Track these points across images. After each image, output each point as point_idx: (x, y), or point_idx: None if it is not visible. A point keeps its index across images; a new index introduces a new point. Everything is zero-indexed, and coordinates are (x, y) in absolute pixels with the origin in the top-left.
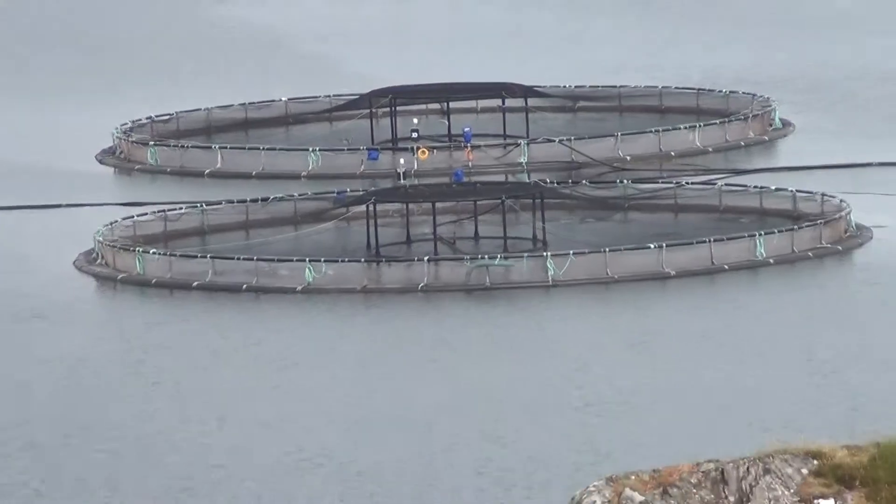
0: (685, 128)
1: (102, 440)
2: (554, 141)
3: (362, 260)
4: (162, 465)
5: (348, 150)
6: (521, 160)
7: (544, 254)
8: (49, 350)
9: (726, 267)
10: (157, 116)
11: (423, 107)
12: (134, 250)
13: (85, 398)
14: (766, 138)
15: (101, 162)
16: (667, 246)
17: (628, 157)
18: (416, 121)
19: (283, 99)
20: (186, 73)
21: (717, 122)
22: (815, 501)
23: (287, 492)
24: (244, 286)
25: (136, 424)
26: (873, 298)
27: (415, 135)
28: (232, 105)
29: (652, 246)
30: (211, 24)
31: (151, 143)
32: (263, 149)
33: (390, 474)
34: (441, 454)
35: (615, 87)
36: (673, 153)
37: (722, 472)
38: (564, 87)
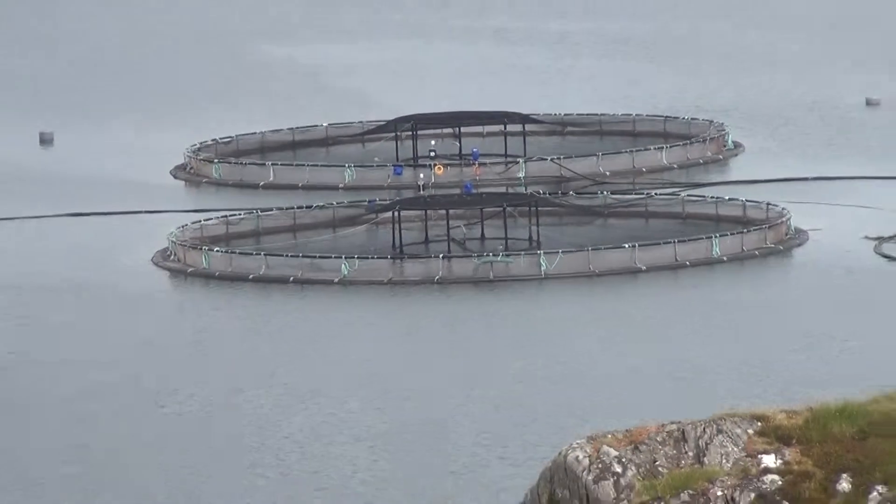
0: (654, 148)
1: (175, 401)
2: (546, 159)
3: (388, 257)
4: (215, 422)
5: (377, 166)
6: (520, 175)
7: (538, 252)
8: (130, 328)
9: (688, 263)
10: (220, 139)
11: (438, 131)
12: (201, 249)
13: (160, 368)
14: (721, 157)
15: (174, 176)
16: (639, 246)
17: (607, 173)
18: (433, 143)
19: (324, 124)
20: (243, 103)
21: (681, 143)
22: (759, 456)
23: (323, 446)
24: (291, 278)
25: (198, 389)
26: (808, 288)
27: (432, 154)
28: (281, 129)
29: (626, 246)
30: (262, 62)
31: (216, 160)
32: (308, 165)
33: (406, 433)
34: (449, 416)
35: (597, 114)
36: (644, 169)
37: (682, 433)
38: (555, 114)
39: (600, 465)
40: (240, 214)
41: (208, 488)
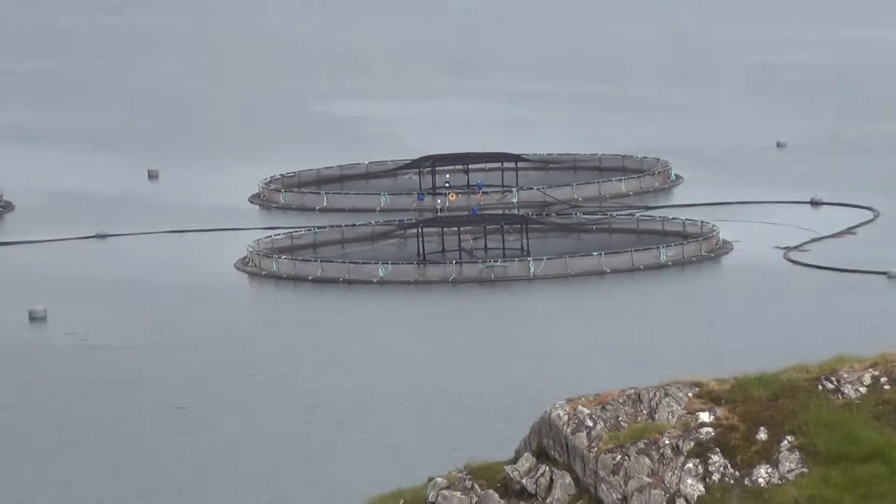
0: (615, 180)
1: (257, 369)
2: (533, 188)
3: (414, 263)
4: (284, 382)
5: (406, 194)
6: (514, 200)
7: (528, 258)
8: (216, 319)
9: (641, 267)
10: (285, 174)
11: (451, 167)
12: (271, 257)
13: (238, 348)
14: (666, 186)
15: (250, 202)
16: (604, 254)
17: (580, 199)
18: (447, 176)
19: (365, 162)
20: (303, 146)
21: (636, 176)
22: (697, 414)
23: (361, 409)
24: (340, 279)
25: (272, 363)
26: (733, 286)
27: (447, 185)
28: (332, 166)
29: (595, 254)
30: (318, 115)
31: (282, 190)
32: (352, 193)
33: (422, 394)
34: (456, 382)
35: (571, 154)
36: (608, 196)
37: (638, 395)
38: (539, 154)
39: (576, 421)
40: (301, 231)
41: (268, 428)
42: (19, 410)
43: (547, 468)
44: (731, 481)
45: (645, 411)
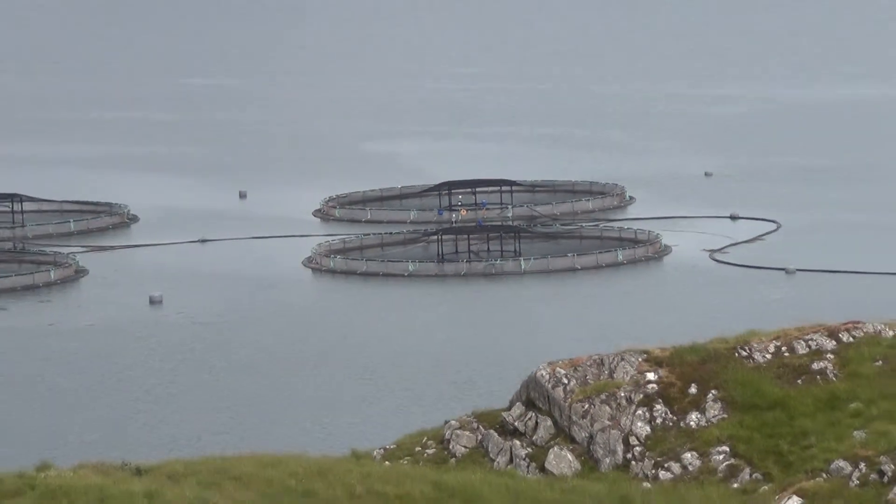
0: (584, 199)
1: (309, 339)
2: (524, 206)
3: (434, 261)
4: (334, 351)
5: (429, 210)
6: (509, 215)
7: (519, 258)
8: (287, 301)
9: (604, 265)
10: (339, 194)
11: (463, 190)
12: (329, 256)
13: (303, 323)
14: (622, 205)
15: (313, 215)
16: (576, 255)
17: (558, 214)
18: (460, 197)
19: (398, 186)
20: (350, 173)
21: (600, 196)
22: (645, 374)
23: (393, 368)
24: (380, 273)
25: (328, 333)
26: (671, 279)
27: (459, 203)
28: (374, 189)
29: (569, 255)
30: (361, 151)
31: (337, 206)
32: (390, 209)
33: (434, 358)
34: (461, 348)
35: (552, 180)
36: (579, 212)
37: (601, 360)
38: (528, 181)
39: (555, 379)
40: (350, 237)
41: (325, 379)
42: (142, 368)
43: (533, 414)
44: (670, 424)
45: (606, 372)
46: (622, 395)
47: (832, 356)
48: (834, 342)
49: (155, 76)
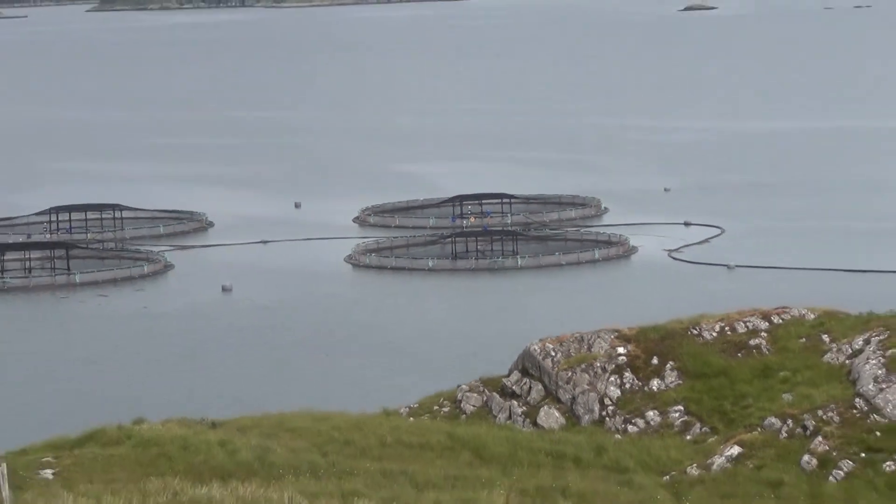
0: (568, 209)
1: (352, 326)
2: (520, 215)
3: (450, 258)
4: (368, 328)
5: (445, 217)
6: (508, 221)
7: (517, 256)
8: (331, 291)
9: (584, 261)
10: (373, 205)
11: (471, 202)
12: (365, 254)
13: (346, 309)
14: (598, 214)
15: (353, 221)
16: (561, 253)
17: (548, 221)
18: (469, 207)
19: (420, 198)
20: (382, 188)
21: (580, 207)
22: (616, 348)
23: (415, 343)
24: (406, 268)
25: (364, 315)
26: (637, 273)
27: (469, 212)
28: (401, 201)
29: (556, 254)
30: (392, 171)
31: (372, 214)
32: (413, 217)
33: (450, 339)
34: (469, 327)
35: (543, 194)
36: (564, 219)
37: (582, 337)
38: (524, 195)
39: (545, 352)
40: (383, 239)
41: (360, 350)
42: (215, 343)
43: (527, 380)
44: (636, 388)
45: (585, 347)
46: (598, 365)
47: (765, 334)
48: (767, 323)
49: (228, 109)
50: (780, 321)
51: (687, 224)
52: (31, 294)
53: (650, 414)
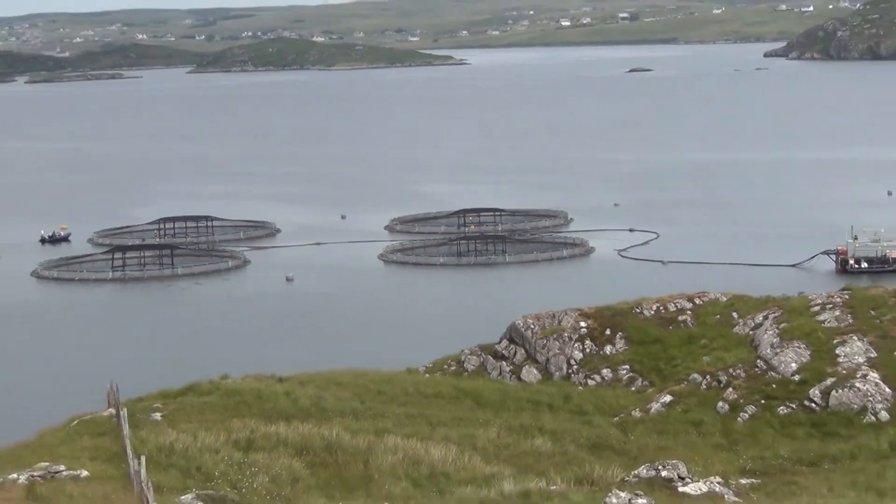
0: (543, 219)
1: (383, 306)
2: (507, 224)
3: (455, 256)
4: (393, 307)
5: (454, 226)
6: (499, 228)
7: (505, 255)
8: (366, 283)
9: (555, 258)
10: (399, 216)
11: (473, 214)
12: (393, 253)
13: (378, 294)
14: (565, 222)
15: (384, 229)
16: (538, 252)
17: (528, 228)
18: (470, 218)
19: (433, 212)
20: (405, 203)
21: (553, 217)
22: (579, 321)
23: (428, 320)
24: (423, 263)
25: (391, 297)
26: (594, 268)
27: (471, 221)
28: (419, 213)
29: (534, 252)
30: (415, 191)
31: (398, 223)
32: (429, 225)
33: (455, 315)
34: (470, 309)
35: (525, 209)
36: (540, 227)
37: (554, 314)
38: (512, 209)
39: (526, 325)
40: (406, 242)
41: (388, 322)
42: (281, 319)
43: (513, 346)
44: (594, 352)
45: (556, 321)
46: (566, 335)
47: (689, 312)
48: (691, 304)
49: (290, 145)
50: (701, 302)
51: (631, 230)
52: (145, 283)
53: (604, 371)
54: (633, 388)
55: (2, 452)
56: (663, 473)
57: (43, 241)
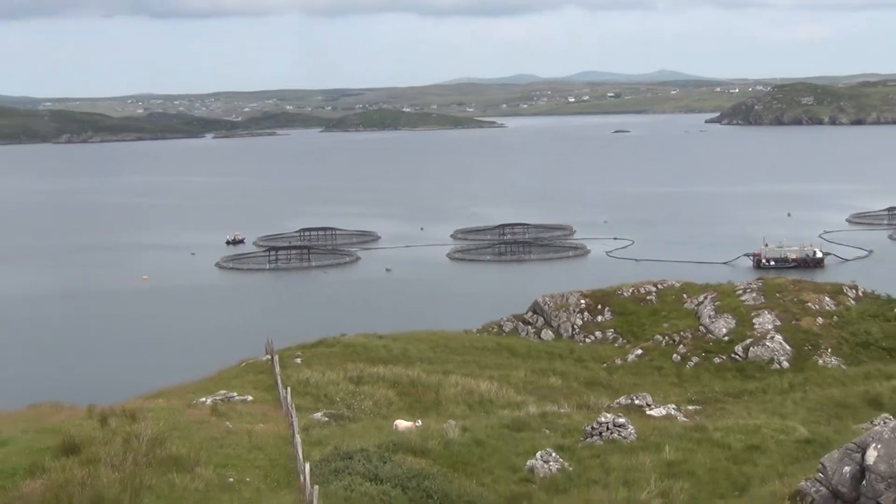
0: (556, 231)
1: (448, 289)
2: (533, 233)
3: (497, 255)
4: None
5: (492, 236)
6: (527, 237)
7: (531, 254)
8: (438, 272)
9: (559, 257)
10: (460, 228)
11: (509, 227)
12: (456, 253)
13: (446, 280)
14: (571, 233)
15: (450, 237)
16: (553, 252)
17: (546, 236)
18: (507, 230)
19: (483, 225)
20: (454, 221)
21: (562, 230)
22: (580, 300)
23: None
24: (476, 259)
25: (455, 286)
26: (589, 266)
27: (507, 232)
28: (473, 227)
29: (549, 253)
30: (468, 212)
31: (459, 233)
32: (480, 235)
33: (484, 299)
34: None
35: (544, 224)
36: (554, 236)
37: (563, 295)
38: (526, 223)
39: (545, 301)
40: (464, 245)
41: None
42: (382, 297)
43: (537, 315)
44: (590, 320)
45: (565, 299)
46: (571, 308)
47: (654, 294)
48: (655, 288)
49: (387, 181)
50: (662, 287)
51: (615, 238)
52: (292, 272)
53: (597, 333)
54: (616, 345)
55: (194, 384)
56: (636, 402)
57: (227, 243)
